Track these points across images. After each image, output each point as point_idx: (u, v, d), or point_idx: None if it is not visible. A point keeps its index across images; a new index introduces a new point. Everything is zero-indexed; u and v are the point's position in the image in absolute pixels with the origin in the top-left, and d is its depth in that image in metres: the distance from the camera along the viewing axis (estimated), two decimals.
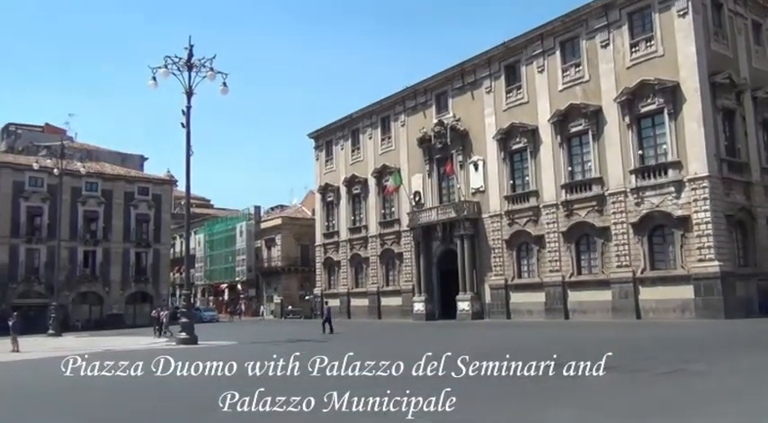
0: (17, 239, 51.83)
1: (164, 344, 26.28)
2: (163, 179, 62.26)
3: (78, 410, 9.99)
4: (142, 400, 10.77)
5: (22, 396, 12.27)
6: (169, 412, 9.39)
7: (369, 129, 51.51)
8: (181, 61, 23.76)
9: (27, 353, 24.04)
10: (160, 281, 59.21)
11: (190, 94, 24.39)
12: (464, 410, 8.00)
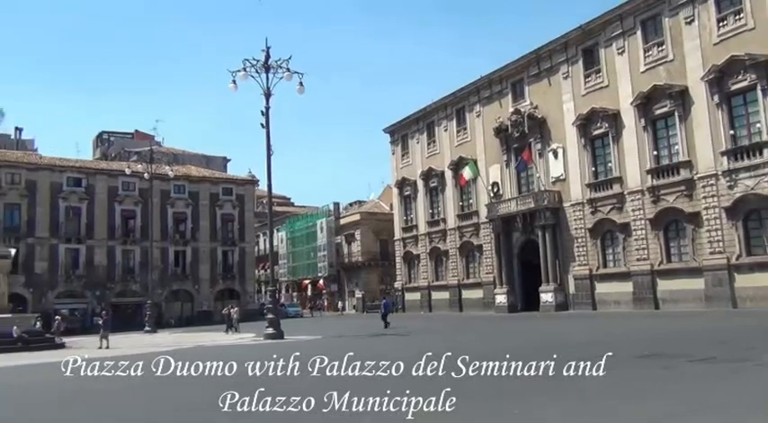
0: (113, 241, 54.77)
1: (251, 340, 27.09)
2: (245, 179, 64.17)
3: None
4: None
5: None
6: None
7: (444, 121, 51.24)
8: (258, 64, 24.40)
9: (116, 349, 25.18)
10: (246, 278, 61.14)
11: (268, 96, 25.00)
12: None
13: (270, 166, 25.93)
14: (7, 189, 50.30)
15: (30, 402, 11.62)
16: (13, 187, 50.97)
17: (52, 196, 52.62)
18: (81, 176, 54.53)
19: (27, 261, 50.12)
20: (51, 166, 54.14)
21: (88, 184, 54.44)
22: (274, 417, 8.27)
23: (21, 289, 47.93)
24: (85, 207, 53.95)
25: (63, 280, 52.30)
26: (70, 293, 52.65)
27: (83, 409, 10.34)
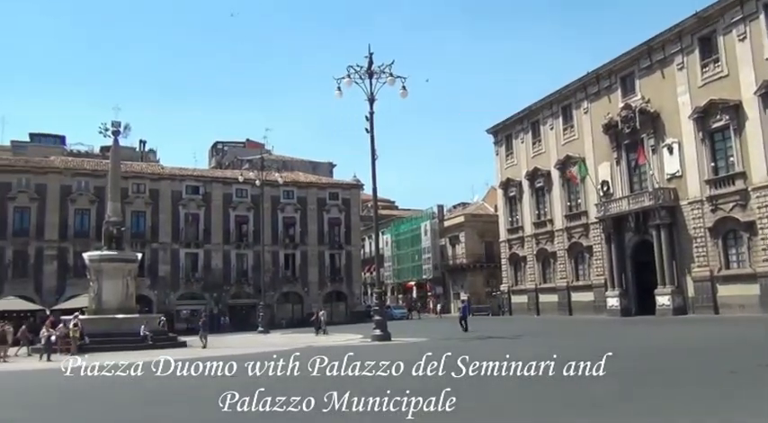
0: (228, 246, 57.52)
1: (359, 341, 27.55)
2: (350, 184, 65.49)
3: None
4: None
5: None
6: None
7: (549, 119, 50.00)
8: (362, 70, 24.86)
9: (215, 349, 26.29)
10: (353, 280, 62.34)
11: (372, 101, 25.42)
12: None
13: (375, 170, 26.33)
14: (134, 198, 54.01)
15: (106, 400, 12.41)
16: (139, 196, 54.70)
17: (173, 204, 56.01)
18: (198, 185, 57.72)
19: (152, 265, 53.55)
20: (172, 175, 57.67)
21: (205, 191, 57.54)
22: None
23: (146, 291, 51.25)
24: (203, 213, 57.03)
25: (184, 282, 55.48)
26: (190, 295, 55.77)
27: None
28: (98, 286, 30.54)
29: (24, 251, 50.44)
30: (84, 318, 28.85)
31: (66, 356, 24.56)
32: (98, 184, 51.37)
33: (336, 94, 25.42)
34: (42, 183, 51.89)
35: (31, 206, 51.26)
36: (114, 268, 30.97)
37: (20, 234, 50.51)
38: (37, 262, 50.57)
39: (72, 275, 49.38)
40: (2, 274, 49.30)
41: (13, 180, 51.10)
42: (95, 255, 31.73)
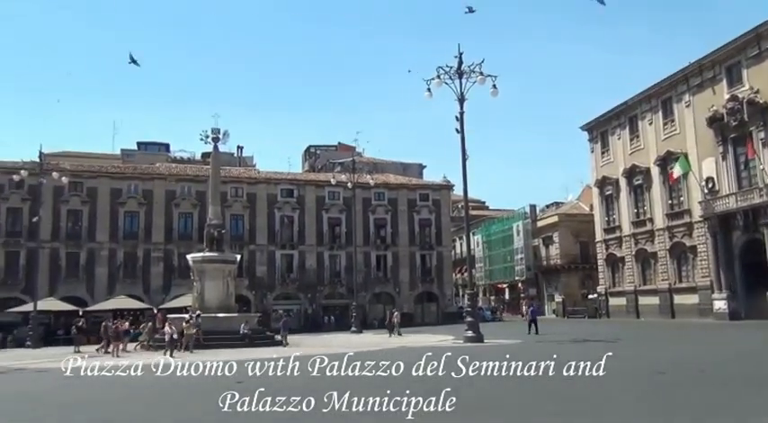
0: (322, 247, 58.82)
1: (451, 342, 27.46)
2: (441, 185, 65.38)
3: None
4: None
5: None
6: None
7: (648, 114, 47.97)
8: (452, 70, 24.80)
9: (306, 348, 26.85)
10: (444, 281, 62.19)
11: (462, 101, 25.30)
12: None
13: (465, 170, 26.18)
14: (232, 202, 56.24)
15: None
16: (237, 200, 56.93)
17: (269, 207, 57.90)
18: (293, 188, 59.40)
19: (249, 266, 55.55)
20: (268, 179, 59.65)
21: (299, 194, 59.13)
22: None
23: (245, 291, 53.19)
24: (297, 216, 58.61)
25: (279, 283, 57.21)
26: (286, 295, 57.44)
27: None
28: (201, 286, 32.02)
29: (134, 253, 53.64)
30: (187, 317, 30.38)
31: (183, 352, 25.77)
32: (200, 189, 53.92)
33: (426, 96, 25.47)
34: (149, 188, 55.05)
35: (139, 211, 54.47)
36: (215, 269, 32.39)
37: (129, 237, 53.78)
38: (145, 263, 53.64)
39: (177, 276, 52.03)
40: (114, 275, 52.64)
41: (124, 186, 54.50)
42: (198, 256, 33.29)
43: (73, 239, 52.18)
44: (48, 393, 14.47)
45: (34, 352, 32.68)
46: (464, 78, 25.07)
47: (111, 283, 52.31)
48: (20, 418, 10.58)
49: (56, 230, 51.55)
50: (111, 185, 54.14)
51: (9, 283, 49.96)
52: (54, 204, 51.13)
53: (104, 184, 54.04)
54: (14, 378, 18.56)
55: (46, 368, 21.31)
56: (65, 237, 52.00)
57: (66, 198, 51.95)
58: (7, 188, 49.57)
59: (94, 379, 17.80)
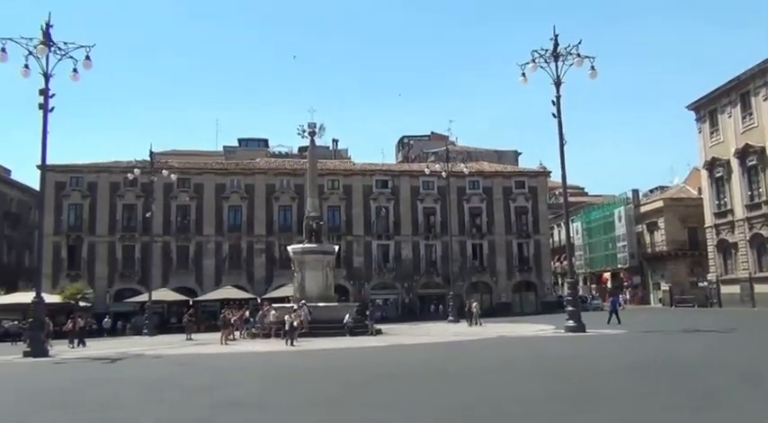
0: (417, 237, 59.09)
1: (552, 332, 26.93)
2: (537, 171, 63.98)
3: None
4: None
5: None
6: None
7: (763, 89, 44.78)
8: (547, 53, 24.17)
9: (392, 337, 27.00)
10: (542, 270, 60.94)
11: (558, 84, 24.61)
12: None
13: (563, 155, 25.49)
14: (329, 194, 57.49)
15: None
16: (334, 192, 58.15)
17: (364, 198, 58.76)
18: (387, 179, 59.96)
19: (347, 256, 56.63)
20: (363, 171, 60.53)
21: (394, 185, 59.62)
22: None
23: (343, 281, 54.30)
24: (392, 206, 59.15)
25: (376, 273, 58.01)
26: (383, 285, 58.20)
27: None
28: (301, 277, 33.01)
29: (238, 245, 56.00)
30: (289, 306, 31.46)
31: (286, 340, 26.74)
32: (298, 182, 55.51)
33: (521, 81, 24.96)
34: (251, 183, 57.26)
35: (241, 205, 56.77)
36: (315, 260, 33.28)
37: (233, 230, 56.18)
38: (248, 255, 55.89)
39: (278, 267, 53.84)
40: (220, 266, 55.18)
41: (227, 181, 56.99)
42: (298, 248, 34.31)
43: (182, 233, 55.11)
44: (168, 378, 15.42)
45: (150, 339, 34.88)
46: (560, 61, 24.38)
47: (218, 273, 54.89)
48: (149, 400, 11.34)
49: (167, 225, 54.59)
50: (215, 181, 56.75)
51: (126, 274, 53.52)
52: (164, 200, 54.14)
53: (209, 179, 56.71)
54: (135, 363, 19.87)
55: (162, 354, 22.70)
56: (175, 231, 55.01)
57: (175, 194, 54.92)
58: (123, 186, 53.06)
59: (209, 364, 18.80)
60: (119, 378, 15.68)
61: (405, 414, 8.86)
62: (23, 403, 11.46)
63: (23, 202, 68.02)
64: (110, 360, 20.63)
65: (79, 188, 54.23)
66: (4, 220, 64.48)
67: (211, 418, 9.09)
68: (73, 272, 52.31)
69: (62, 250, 52.92)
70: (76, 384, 14.58)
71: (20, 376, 17.36)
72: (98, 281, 52.71)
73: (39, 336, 23.51)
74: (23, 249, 67.34)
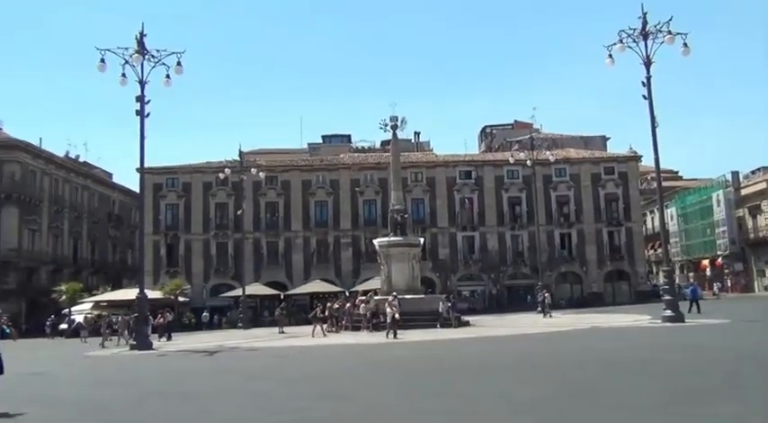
0: (503, 227, 58.30)
1: (647, 322, 25.94)
2: (627, 156, 61.65)
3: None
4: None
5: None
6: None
7: None
8: (635, 32, 23.21)
9: (480, 329, 26.61)
10: (635, 258, 58.76)
11: (648, 64, 23.60)
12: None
13: (656, 138, 24.44)
14: (412, 186, 57.60)
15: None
16: (417, 184, 58.24)
17: (448, 189, 58.52)
18: (471, 169, 59.47)
19: (432, 248, 56.59)
20: (445, 162, 60.28)
21: (477, 175, 59.06)
22: None
23: (429, 273, 54.27)
24: (476, 197, 58.61)
25: (462, 264, 57.68)
26: (469, 276, 57.84)
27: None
28: (388, 269, 33.29)
29: (324, 240, 57.14)
30: (377, 298, 31.83)
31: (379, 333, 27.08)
32: (381, 176, 55.98)
33: (608, 63, 24.11)
34: (335, 178, 58.27)
35: (327, 200, 57.86)
36: (400, 252, 33.48)
37: (320, 225, 57.35)
38: (335, 249, 56.91)
39: (365, 260, 54.54)
40: (308, 261, 56.49)
41: (312, 178, 58.24)
42: (384, 241, 34.62)
43: (272, 229, 56.77)
44: (266, 368, 15.99)
45: (245, 332, 36.16)
46: (650, 40, 23.35)
47: (307, 268, 56.21)
48: (249, 390, 11.82)
49: (257, 222, 56.37)
50: (301, 178, 58.10)
51: (221, 270, 55.72)
52: (254, 198, 55.90)
53: (296, 176, 58.11)
54: (231, 355, 20.69)
55: (256, 347, 23.52)
56: (265, 227, 56.74)
57: (264, 191, 56.63)
58: (215, 185, 55.22)
59: (303, 356, 19.33)
60: (219, 369, 16.39)
61: (494, 406, 8.81)
62: (137, 392, 12.18)
63: (125, 204, 72.13)
64: (208, 352, 21.58)
65: (175, 189, 56.86)
66: (108, 221, 68.60)
67: (309, 407, 9.37)
68: (171, 269, 54.97)
69: (161, 248, 55.67)
70: (181, 375, 15.37)
71: (130, 368, 18.47)
72: (195, 277, 55.14)
73: (144, 330, 24.93)
74: (126, 248, 71.44)
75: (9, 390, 10.76)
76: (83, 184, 64.83)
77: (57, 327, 43.62)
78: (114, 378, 15.36)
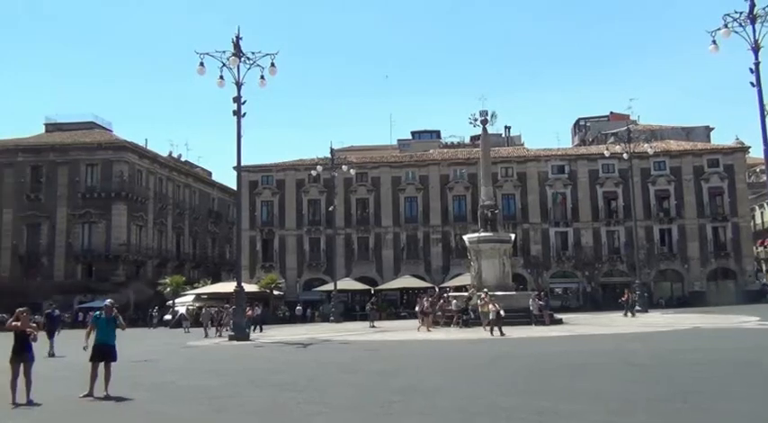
0: (597, 223, 56.50)
1: (756, 323, 24.47)
2: (733, 147, 58.24)
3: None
4: None
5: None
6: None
7: None
8: (742, 16, 21.83)
9: (575, 326, 25.74)
10: (742, 256, 55.37)
11: (757, 49, 22.02)
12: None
13: (765, 128, 22.88)
14: (503, 182, 56.82)
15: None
16: (508, 179, 57.38)
17: (540, 184, 57.33)
18: (563, 163, 57.97)
19: (524, 244, 55.62)
20: (537, 157, 59.05)
21: (570, 170, 57.50)
22: None
23: (520, 270, 53.38)
24: (570, 192, 57.09)
25: (555, 261, 56.34)
26: (562, 273, 56.43)
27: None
28: (478, 265, 33.03)
29: (414, 235, 57.41)
30: (468, 294, 31.72)
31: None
32: (471, 172, 55.65)
33: (711, 49, 22.78)
34: (425, 174, 58.38)
35: (417, 196, 58.07)
36: (491, 249, 33.13)
37: (410, 221, 57.65)
38: (425, 245, 57.05)
39: (455, 256, 54.38)
40: (398, 256, 56.93)
41: (402, 174, 58.61)
42: (474, 237, 34.37)
43: (362, 225, 57.61)
44: (358, 361, 16.31)
45: (336, 326, 36.93)
46: (758, 23, 21.88)
47: (397, 263, 56.66)
48: (341, 381, 12.12)
49: (348, 218, 57.37)
50: (391, 174, 58.57)
51: (313, 265, 57.12)
52: (345, 194, 56.91)
53: (385, 173, 58.65)
54: (324, 348, 21.20)
55: (348, 340, 23.99)
56: (355, 223, 57.66)
57: (354, 188, 57.55)
58: (307, 182, 56.78)
59: (395, 350, 19.56)
60: (312, 361, 16.86)
61: (590, 406, 8.60)
62: (235, 380, 12.75)
63: (223, 201, 75.30)
64: (302, 344, 22.22)
65: (269, 186, 58.76)
66: (207, 217, 71.86)
67: (399, 400, 9.49)
68: (267, 263, 56.88)
69: (257, 243, 57.70)
70: (276, 365, 15.94)
71: (228, 357, 19.32)
72: (288, 271, 56.81)
73: (241, 322, 25.96)
74: (224, 243, 74.56)
75: (121, 376, 11.52)
76: (184, 183, 68.21)
77: (162, 317, 46.17)
78: (213, 367, 16.11)
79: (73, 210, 55.90)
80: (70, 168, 56.58)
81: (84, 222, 56.10)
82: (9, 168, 57.01)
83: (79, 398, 10.44)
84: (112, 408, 9.85)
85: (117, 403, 10.12)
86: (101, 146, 57.36)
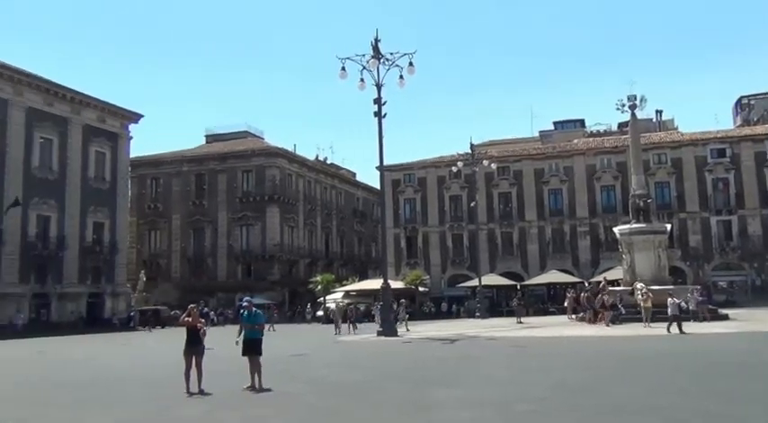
0: (767, 210, 51.53)
1: None
2: None
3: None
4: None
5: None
6: None
7: None
8: None
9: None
10: None
11: None
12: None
13: None
14: (655, 169, 53.43)
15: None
16: (661, 166, 53.89)
17: (697, 170, 53.20)
18: (724, 146, 53.35)
19: (681, 235, 52.01)
20: (693, 140, 54.87)
21: (732, 153, 52.81)
22: None
23: (678, 262, 49.95)
24: (732, 177, 52.49)
25: (717, 252, 52.11)
26: (726, 265, 52.07)
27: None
28: (630, 258, 31.47)
29: (560, 229, 55.64)
30: (620, 289, 30.35)
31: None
32: (619, 160, 52.90)
33: None
34: (569, 165, 56.35)
35: (561, 188, 56.22)
36: (644, 240, 31.41)
37: (555, 214, 55.94)
38: (572, 238, 55.10)
39: (604, 249, 52.03)
40: (544, 251, 55.46)
41: (545, 166, 56.97)
42: (625, 228, 32.77)
43: (505, 220, 56.76)
44: (506, 357, 16.19)
45: (482, 322, 36.71)
46: None
47: (542, 258, 55.24)
48: (485, 375, 12.13)
49: (490, 212, 56.79)
50: (533, 167, 57.16)
51: (456, 261, 57.20)
52: (486, 189, 56.38)
53: (527, 165, 57.35)
54: (471, 344, 21.19)
55: (495, 336, 23.81)
56: (498, 218, 56.94)
57: (496, 182, 56.83)
58: (448, 179, 56.98)
59: (546, 346, 19.18)
60: (460, 356, 16.93)
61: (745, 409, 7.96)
62: (379, 375, 13.15)
63: (367, 200, 77.58)
64: (449, 340, 22.38)
65: (411, 184, 59.62)
66: (353, 216, 74.39)
67: (548, 397, 9.35)
68: (411, 260, 57.77)
69: (401, 241, 58.76)
70: (422, 361, 16.18)
71: (376, 352, 19.90)
72: (433, 267, 57.30)
73: (389, 317, 26.60)
74: (370, 241, 76.77)
75: (280, 369, 12.29)
76: (331, 184, 71.11)
77: (315, 314, 48.46)
78: (361, 361, 16.68)
79: (232, 213, 60.37)
80: (228, 175, 61.18)
81: (242, 225, 60.39)
82: (176, 178, 62.66)
83: (242, 390, 11.24)
84: (274, 398, 10.53)
85: (277, 395, 10.81)
86: (254, 153, 61.49)
